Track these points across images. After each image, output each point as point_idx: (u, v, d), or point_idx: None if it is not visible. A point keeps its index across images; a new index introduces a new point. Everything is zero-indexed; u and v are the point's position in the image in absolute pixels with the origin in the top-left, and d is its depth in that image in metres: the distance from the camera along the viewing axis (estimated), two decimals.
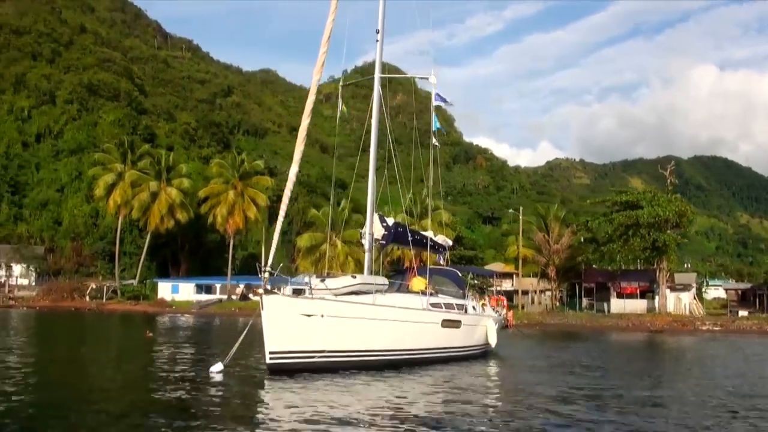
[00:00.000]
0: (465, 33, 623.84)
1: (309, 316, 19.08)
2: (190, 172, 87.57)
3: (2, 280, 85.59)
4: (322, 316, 19.30)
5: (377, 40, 26.54)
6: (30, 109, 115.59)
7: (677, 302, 71.44)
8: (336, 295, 20.93)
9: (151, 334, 34.71)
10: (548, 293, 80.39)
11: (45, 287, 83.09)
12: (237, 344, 19.98)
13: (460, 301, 26.66)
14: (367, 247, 25.58)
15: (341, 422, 12.37)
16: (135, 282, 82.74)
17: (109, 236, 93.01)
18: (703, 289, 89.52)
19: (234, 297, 78.23)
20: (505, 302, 32.58)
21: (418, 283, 25.21)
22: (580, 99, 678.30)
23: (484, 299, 34.53)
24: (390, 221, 27.45)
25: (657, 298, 70.13)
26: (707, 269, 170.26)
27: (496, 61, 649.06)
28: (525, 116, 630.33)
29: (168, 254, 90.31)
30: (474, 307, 27.64)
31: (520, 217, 78.01)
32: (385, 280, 25.11)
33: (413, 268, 28.13)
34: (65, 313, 69.96)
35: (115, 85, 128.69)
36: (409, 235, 26.91)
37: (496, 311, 30.76)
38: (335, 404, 14.38)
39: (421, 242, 27.76)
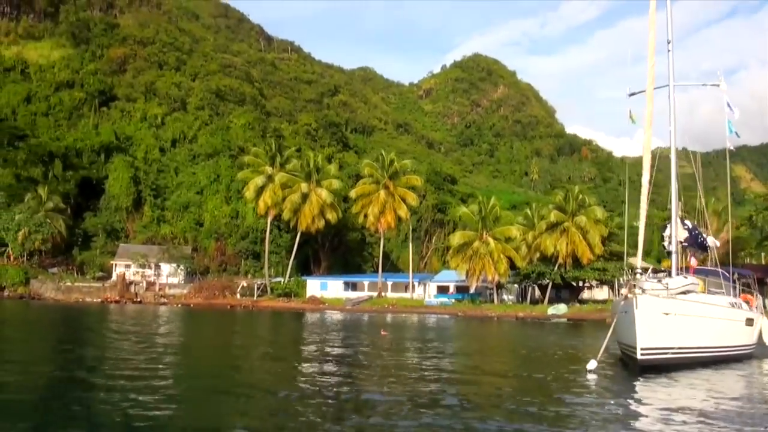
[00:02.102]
0: (559, 21, 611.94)
1: (667, 314, 19.70)
2: (338, 175, 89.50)
3: (152, 279, 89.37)
4: (676, 314, 19.90)
5: (669, 50, 26.60)
6: (163, 116, 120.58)
7: None
8: (674, 294, 21.49)
9: (386, 333, 35.75)
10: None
11: (196, 285, 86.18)
12: (605, 343, 20.75)
13: (737, 300, 26.96)
14: (672, 249, 25.92)
15: (710, 416, 13.54)
16: (284, 280, 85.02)
17: (251, 236, 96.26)
18: None
19: (385, 294, 79.79)
20: (753, 301, 32.24)
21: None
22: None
23: None
24: (689, 224, 27.66)
25: None
26: None
27: (591, 48, 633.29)
28: (621, 104, 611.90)
29: (310, 252, 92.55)
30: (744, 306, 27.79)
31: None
32: (697, 281, 25.41)
33: (690, 268, 28.37)
34: (222, 309, 72.82)
35: (240, 89, 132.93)
36: (700, 237, 27.27)
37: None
38: (702, 398, 16.11)
39: (703, 244, 27.91)
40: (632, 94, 29.07)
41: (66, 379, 18.07)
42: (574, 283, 77.91)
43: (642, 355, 19.56)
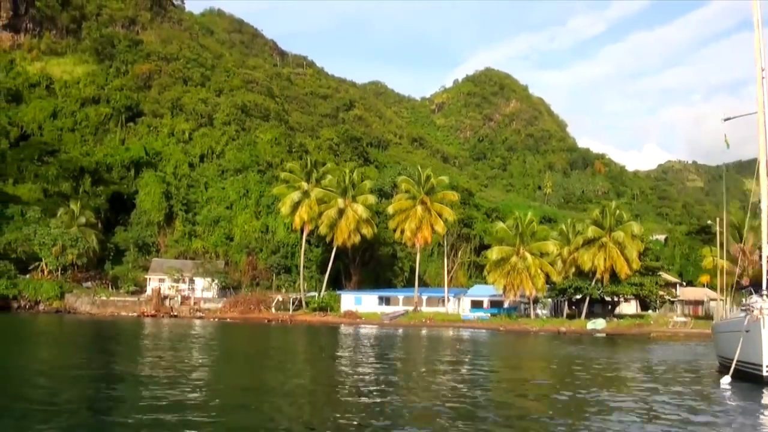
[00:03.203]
0: (567, 35, 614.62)
1: None
2: (373, 189, 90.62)
3: (186, 293, 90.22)
4: None
5: (763, 77, 27.38)
6: (190, 132, 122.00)
7: None
8: None
9: (460, 347, 36.79)
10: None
11: (231, 300, 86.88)
12: (736, 357, 21.82)
13: None
14: None
15: None
16: (319, 294, 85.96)
17: (282, 250, 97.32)
18: None
19: (420, 308, 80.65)
20: None
21: None
22: (687, 99, 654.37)
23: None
24: None
25: None
26: None
27: (599, 62, 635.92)
28: (630, 118, 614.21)
29: (341, 267, 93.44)
30: None
31: (717, 229, 77.28)
32: None
33: None
34: (259, 324, 73.59)
35: (264, 105, 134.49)
36: None
37: None
38: None
39: None
40: (728, 119, 29.90)
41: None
42: (608, 298, 78.82)
43: None
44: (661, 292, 77.63)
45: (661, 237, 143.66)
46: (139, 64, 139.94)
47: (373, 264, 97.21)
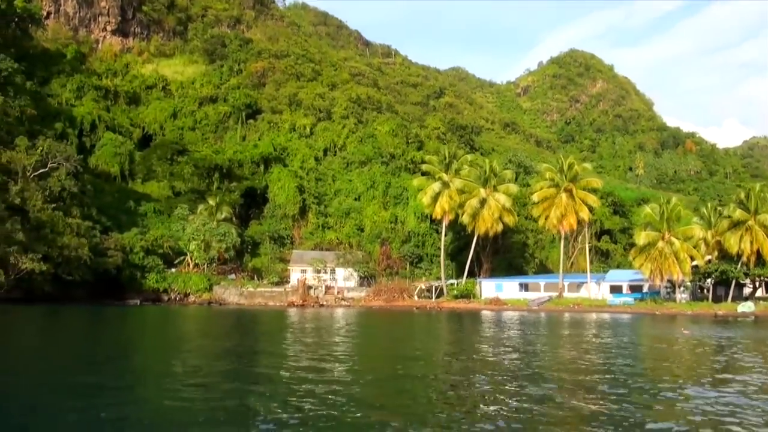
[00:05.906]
0: (643, 12, 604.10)
1: None
2: (512, 178, 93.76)
3: (329, 282, 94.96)
4: None
5: None
6: (311, 127, 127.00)
7: None
8: None
9: (687, 332, 39.86)
10: None
11: (375, 288, 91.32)
12: None
13: None
14: None
15: None
16: (461, 281, 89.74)
17: (413, 240, 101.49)
18: None
19: (563, 294, 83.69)
20: None
21: None
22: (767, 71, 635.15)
23: None
24: None
25: None
26: None
27: (676, 37, 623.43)
28: (709, 93, 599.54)
29: (473, 255, 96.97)
30: None
31: None
32: None
33: None
34: (407, 311, 77.36)
35: (376, 97, 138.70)
36: None
37: None
38: None
39: None
40: None
41: None
42: (746, 281, 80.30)
43: None
44: None
45: None
46: (252, 62, 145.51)
47: (504, 251, 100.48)
